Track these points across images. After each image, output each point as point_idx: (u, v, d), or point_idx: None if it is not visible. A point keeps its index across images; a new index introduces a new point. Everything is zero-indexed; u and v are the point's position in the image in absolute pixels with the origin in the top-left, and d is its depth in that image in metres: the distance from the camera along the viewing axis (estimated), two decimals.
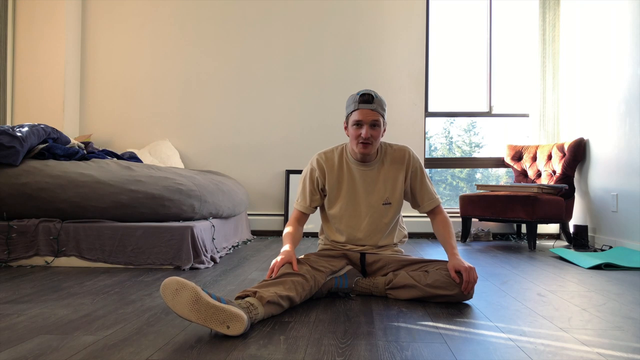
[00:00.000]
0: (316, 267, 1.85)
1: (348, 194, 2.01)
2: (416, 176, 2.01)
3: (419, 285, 1.83)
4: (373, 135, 1.88)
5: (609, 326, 1.56)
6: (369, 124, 1.87)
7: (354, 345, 1.33)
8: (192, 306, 1.35)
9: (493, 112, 4.50)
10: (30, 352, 1.24)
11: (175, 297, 1.37)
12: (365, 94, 1.87)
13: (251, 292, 1.56)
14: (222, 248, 3.07)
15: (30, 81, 4.28)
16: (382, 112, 1.90)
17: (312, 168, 2.03)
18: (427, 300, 1.85)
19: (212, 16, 4.48)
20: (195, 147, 4.47)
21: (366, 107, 1.86)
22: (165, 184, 2.76)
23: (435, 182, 4.90)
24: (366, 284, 1.95)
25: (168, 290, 1.38)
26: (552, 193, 3.75)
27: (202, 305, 1.35)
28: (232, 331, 1.36)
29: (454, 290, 1.80)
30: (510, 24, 4.61)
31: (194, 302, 1.35)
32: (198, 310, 1.35)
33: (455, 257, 1.86)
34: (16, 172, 2.62)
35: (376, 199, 1.99)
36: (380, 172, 2.00)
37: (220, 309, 1.36)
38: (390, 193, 1.99)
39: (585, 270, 2.64)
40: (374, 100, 1.87)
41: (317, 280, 1.80)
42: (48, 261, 2.58)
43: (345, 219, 2.02)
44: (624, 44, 3.39)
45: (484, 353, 1.28)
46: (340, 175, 2.00)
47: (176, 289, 1.37)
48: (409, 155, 2.01)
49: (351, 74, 4.42)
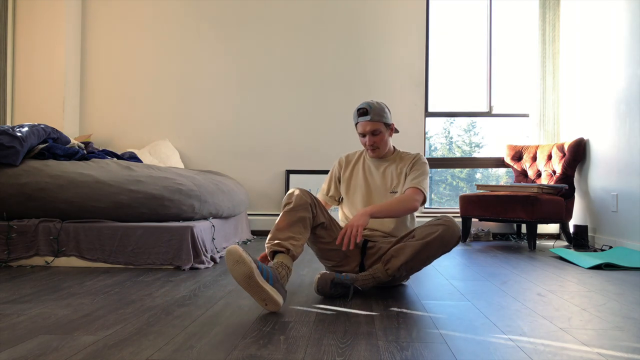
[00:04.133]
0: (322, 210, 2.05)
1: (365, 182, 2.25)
2: (413, 165, 2.21)
3: (409, 243, 1.93)
4: (376, 142, 2.17)
5: (609, 326, 1.56)
6: (370, 134, 2.15)
7: (354, 345, 1.33)
8: (245, 279, 1.60)
9: (493, 112, 4.50)
10: (30, 352, 1.24)
11: (234, 266, 1.60)
12: (360, 108, 2.13)
13: (285, 249, 1.81)
14: (222, 248, 3.07)
15: (30, 81, 4.28)
16: (380, 119, 2.14)
17: (335, 164, 2.38)
18: (420, 257, 1.89)
19: (213, 16, 4.48)
20: (195, 147, 4.47)
21: (363, 120, 2.14)
22: (165, 184, 2.76)
23: (435, 182, 4.90)
24: (367, 273, 2.00)
25: (230, 259, 1.61)
26: (552, 193, 3.75)
27: (252, 281, 1.60)
28: (268, 308, 1.67)
29: (438, 230, 1.90)
30: (510, 24, 4.61)
31: (247, 277, 1.60)
32: (248, 284, 1.61)
33: (360, 212, 1.94)
34: (16, 172, 2.62)
35: (385, 187, 2.22)
36: (391, 166, 2.25)
37: (264, 291, 1.62)
38: (397, 182, 2.21)
39: (585, 270, 2.64)
40: (369, 112, 2.12)
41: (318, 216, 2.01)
42: (48, 261, 2.58)
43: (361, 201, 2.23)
44: (624, 44, 3.39)
45: (484, 353, 1.28)
46: (356, 167, 2.31)
47: (237, 260, 1.60)
48: (416, 157, 2.25)
49: (351, 74, 4.42)
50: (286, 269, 1.77)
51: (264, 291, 1.62)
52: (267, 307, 1.66)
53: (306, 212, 1.92)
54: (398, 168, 2.22)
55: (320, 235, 2.06)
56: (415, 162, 2.21)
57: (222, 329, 1.47)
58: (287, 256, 1.80)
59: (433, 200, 4.84)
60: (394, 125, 2.24)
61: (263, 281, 1.62)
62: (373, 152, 2.21)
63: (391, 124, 2.21)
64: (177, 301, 1.83)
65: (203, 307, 1.74)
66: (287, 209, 1.92)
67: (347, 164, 2.33)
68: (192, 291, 2.01)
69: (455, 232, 1.92)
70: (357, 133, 2.22)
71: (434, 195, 4.91)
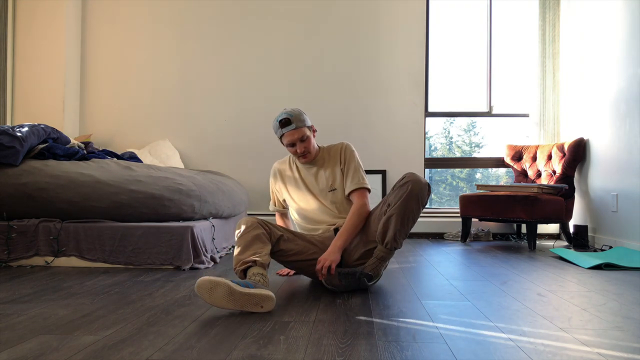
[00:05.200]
0: (273, 226, 2.10)
1: (304, 187, 2.29)
2: (345, 162, 2.26)
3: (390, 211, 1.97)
4: (306, 147, 2.20)
5: (609, 326, 1.56)
6: (299, 141, 2.17)
7: (354, 345, 1.33)
8: (229, 298, 1.59)
9: (493, 112, 4.50)
10: (30, 352, 1.24)
11: (211, 294, 1.59)
12: (281, 119, 2.14)
13: (252, 262, 1.83)
14: (222, 248, 3.07)
15: (30, 81, 4.28)
16: (304, 124, 2.17)
17: (270, 178, 2.44)
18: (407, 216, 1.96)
19: (212, 16, 4.48)
20: (195, 147, 4.47)
21: (288, 130, 2.15)
22: (165, 184, 2.76)
23: (435, 182, 4.90)
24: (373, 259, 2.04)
25: (203, 290, 1.59)
26: (552, 193, 3.75)
27: (236, 295, 1.60)
28: (266, 309, 1.65)
29: (408, 188, 1.95)
30: (510, 23, 4.61)
31: (229, 294, 1.59)
32: (234, 300, 1.60)
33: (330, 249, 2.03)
34: (16, 172, 2.62)
35: (322, 187, 2.27)
36: (321, 167, 2.30)
37: (252, 295, 1.62)
38: (333, 180, 2.26)
39: (585, 270, 2.64)
40: (291, 120, 2.14)
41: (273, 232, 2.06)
42: (48, 261, 2.58)
43: (303, 207, 2.30)
44: (623, 44, 3.39)
45: (484, 353, 1.28)
46: (291, 176, 2.35)
47: (210, 287, 1.59)
48: (342, 147, 2.29)
49: (351, 74, 4.42)
50: (260, 276, 1.78)
51: (252, 296, 1.62)
52: (264, 309, 1.65)
53: (258, 229, 1.97)
54: (328, 168, 2.27)
55: (286, 249, 2.10)
56: (344, 158, 2.25)
57: (222, 329, 1.47)
58: (256, 266, 1.82)
59: (433, 200, 4.84)
60: (313, 125, 2.28)
61: (245, 289, 1.63)
62: (305, 158, 2.23)
63: (311, 125, 2.25)
64: (177, 301, 1.83)
65: (203, 307, 1.74)
66: (239, 234, 1.97)
67: (281, 176, 2.38)
68: (192, 291, 2.01)
69: (422, 182, 1.98)
70: (284, 145, 2.22)
71: (434, 195, 4.91)
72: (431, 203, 4.76)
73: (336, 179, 2.25)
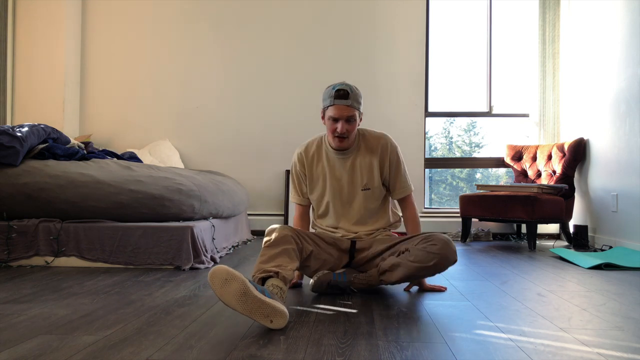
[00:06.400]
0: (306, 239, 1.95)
1: (331, 182, 2.06)
2: (392, 165, 2.06)
3: (404, 262, 1.87)
4: (348, 130, 1.93)
5: (609, 326, 1.56)
6: (345, 120, 1.91)
7: (354, 345, 1.33)
8: (240, 297, 1.39)
9: (493, 112, 4.50)
10: (30, 352, 1.24)
11: (224, 286, 1.40)
12: (340, 89, 1.89)
13: (274, 273, 1.64)
14: (222, 248, 3.07)
15: (30, 81, 4.28)
16: (358, 107, 1.93)
17: (294, 163, 2.13)
18: (415, 276, 1.90)
19: (212, 16, 4.48)
20: (195, 147, 4.47)
21: (341, 103, 1.90)
22: (165, 184, 2.76)
23: (435, 182, 4.90)
24: (363, 278, 1.98)
25: (217, 279, 1.40)
26: (552, 193, 3.75)
27: (249, 298, 1.40)
28: (274, 325, 1.43)
29: (434, 260, 1.84)
30: (510, 23, 4.61)
31: (242, 294, 1.39)
32: (245, 302, 1.40)
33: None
34: (16, 172, 2.62)
35: (356, 185, 2.04)
36: (356, 159, 2.04)
37: (266, 304, 1.42)
38: (368, 179, 2.03)
39: (585, 270, 2.64)
40: (349, 96, 1.89)
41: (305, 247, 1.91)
42: (48, 261, 2.58)
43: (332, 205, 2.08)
44: (623, 44, 3.39)
45: (484, 353, 1.28)
46: (320, 164, 2.07)
47: (225, 278, 1.40)
48: (384, 143, 2.05)
49: (351, 74, 4.41)
50: (278, 289, 1.59)
51: (265, 305, 1.41)
52: (273, 325, 1.43)
53: (289, 244, 1.80)
54: (365, 162, 2.02)
55: (312, 265, 1.97)
56: (390, 159, 2.04)
57: (222, 329, 1.47)
58: (277, 279, 1.63)
59: (433, 200, 4.84)
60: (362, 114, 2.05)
61: (260, 294, 1.43)
62: (341, 142, 1.96)
63: (362, 112, 2.00)
64: (177, 301, 1.83)
65: (203, 307, 1.74)
66: (268, 243, 1.80)
67: (309, 160, 2.08)
68: (192, 291, 2.01)
69: (449, 260, 1.86)
70: (326, 117, 1.96)
71: (434, 195, 4.91)
72: (431, 203, 4.76)
73: (373, 177, 2.02)
